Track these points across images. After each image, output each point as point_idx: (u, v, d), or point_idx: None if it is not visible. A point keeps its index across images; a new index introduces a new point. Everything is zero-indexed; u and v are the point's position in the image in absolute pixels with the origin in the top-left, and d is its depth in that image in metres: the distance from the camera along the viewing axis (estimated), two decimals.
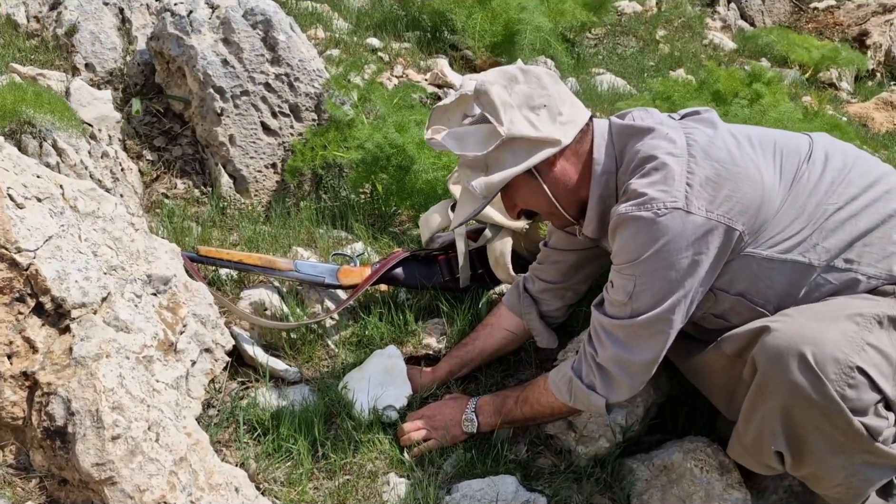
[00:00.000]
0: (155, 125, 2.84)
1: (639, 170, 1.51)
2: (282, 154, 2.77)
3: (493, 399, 1.80)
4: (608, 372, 1.57)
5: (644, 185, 1.46)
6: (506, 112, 1.51)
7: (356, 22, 4.21)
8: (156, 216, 2.54)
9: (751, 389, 1.41)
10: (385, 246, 2.48)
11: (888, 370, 1.31)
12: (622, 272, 1.50)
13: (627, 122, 1.60)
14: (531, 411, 1.74)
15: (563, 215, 1.65)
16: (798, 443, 1.37)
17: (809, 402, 1.30)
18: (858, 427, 1.30)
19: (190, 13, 2.70)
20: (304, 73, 2.79)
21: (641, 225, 1.44)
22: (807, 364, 1.29)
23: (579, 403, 1.64)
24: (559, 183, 1.60)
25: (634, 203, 1.45)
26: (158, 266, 1.81)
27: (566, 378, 1.65)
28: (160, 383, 1.58)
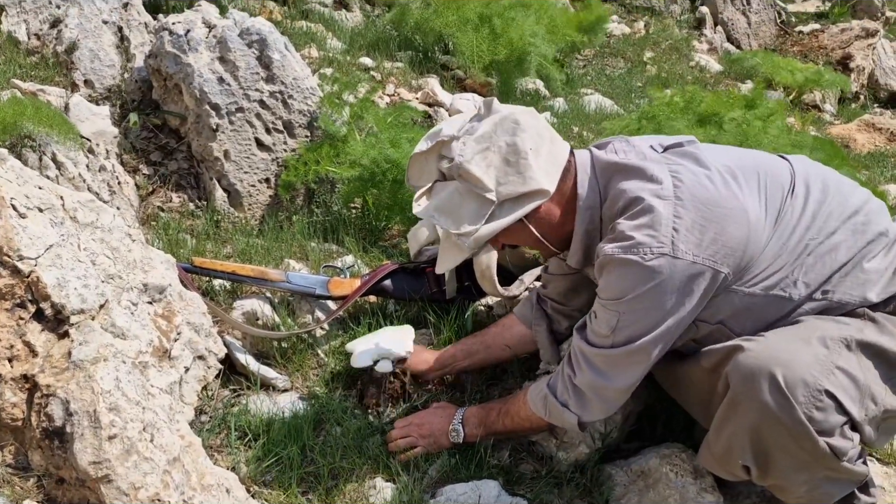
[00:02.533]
0: (151, 140, 2.91)
1: (626, 211, 1.52)
2: (275, 169, 2.85)
3: (479, 411, 1.85)
4: (583, 394, 1.61)
5: (631, 228, 1.48)
6: (490, 178, 1.51)
7: (349, 42, 4.31)
8: (151, 229, 2.60)
9: (723, 403, 1.46)
10: (375, 259, 2.55)
11: (856, 393, 1.36)
12: (607, 307, 1.52)
13: (611, 159, 1.61)
14: (512, 424, 1.79)
15: (549, 248, 1.68)
16: (764, 458, 1.43)
17: (777, 423, 1.35)
18: (824, 447, 1.34)
19: (187, 32, 2.78)
20: (297, 90, 2.87)
21: (628, 268, 1.46)
22: (777, 386, 1.33)
23: (554, 419, 1.68)
24: (544, 222, 1.61)
25: (621, 246, 1.47)
26: (154, 276, 1.87)
27: (542, 394, 1.69)
28: (155, 388, 1.64)
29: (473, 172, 1.51)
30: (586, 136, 3.90)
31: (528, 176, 1.52)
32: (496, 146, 1.53)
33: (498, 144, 1.53)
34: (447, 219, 1.55)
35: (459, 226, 1.53)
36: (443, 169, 1.57)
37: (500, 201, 1.52)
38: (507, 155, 1.52)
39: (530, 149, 1.53)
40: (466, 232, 1.53)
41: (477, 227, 1.52)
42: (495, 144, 1.53)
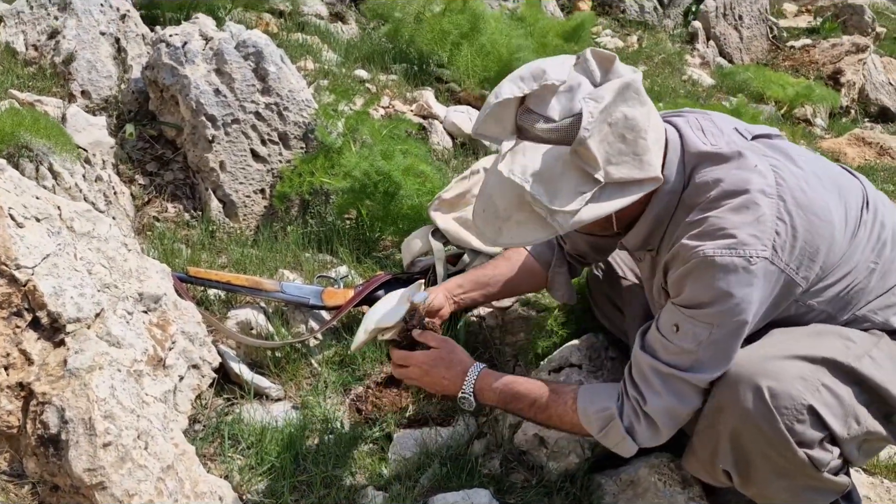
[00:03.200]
0: (147, 151, 2.93)
1: (723, 201, 1.37)
2: (270, 180, 2.87)
3: (499, 389, 1.61)
4: (654, 422, 1.45)
5: (735, 225, 1.33)
6: (601, 154, 1.30)
7: (345, 54, 4.34)
8: (147, 238, 2.62)
9: (706, 407, 1.45)
10: (368, 269, 2.57)
11: (839, 411, 1.37)
12: (697, 318, 1.36)
13: (703, 146, 1.45)
14: (545, 420, 1.61)
15: (612, 228, 1.52)
16: (745, 464, 1.44)
17: (758, 431, 1.36)
18: (803, 458, 1.36)
19: (184, 44, 2.80)
20: (293, 102, 2.90)
21: (731, 272, 1.32)
22: (761, 396, 1.34)
23: (607, 441, 1.53)
24: (628, 209, 1.42)
25: (723, 245, 1.32)
26: (149, 285, 1.89)
27: (605, 415, 1.50)
28: (149, 396, 1.66)
29: (592, 151, 1.29)
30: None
31: (646, 160, 1.34)
32: (613, 118, 1.31)
33: (616, 116, 1.31)
34: (543, 189, 1.31)
35: (554, 200, 1.30)
36: (536, 128, 1.34)
37: (606, 182, 1.31)
38: (623, 130, 1.31)
39: (647, 127, 1.34)
40: (567, 211, 1.30)
41: (578, 209, 1.30)
42: (612, 116, 1.31)
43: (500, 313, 2.25)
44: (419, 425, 2.02)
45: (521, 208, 1.36)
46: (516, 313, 2.36)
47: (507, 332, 2.26)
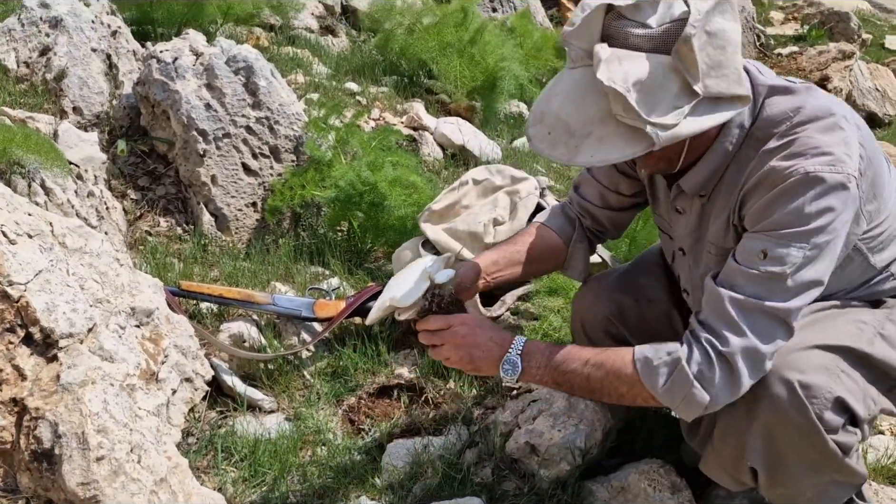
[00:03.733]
0: (139, 166, 2.95)
1: (811, 123, 1.32)
2: (262, 193, 2.89)
3: (548, 349, 1.46)
4: (733, 366, 1.32)
5: (828, 144, 1.29)
6: (702, 64, 1.24)
7: (335, 67, 4.37)
8: (139, 253, 2.63)
9: (728, 407, 1.40)
10: (360, 281, 2.59)
11: (860, 394, 1.40)
12: (790, 239, 1.29)
13: (771, 81, 1.41)
14: (598, 380, 1.42)
15: (676, 164, 1.43)
16: (776, 460, 1.44)
17: (791, 423, 1.37)
18: (833, 446, 1.37)
19: (175, 60, 2.83)
20: (283, 116, 2.92)
21: (831, 188, 1.27)
22: (793, 389, 1.35)
23: (671, 395, 1.35)
24: (702, 133, 1.33)
25: (823, 163, 1.27)
26: (142, 299, 1.90)
27: (671, 359, 1.35)
28: (142, 410, 1.67)
29: (695, 54, 1.22)
30: None
31: (741, 76, 1.28)
32: (712, 27, 1.24)
33: (714, 27, 1.24)
34: (643, 98, 1.23)
35: (652, 112, 1.23)
36: (629, 33, 1.26)
37: (702, 97, 1.25)
38: (722, 42, 1.25)
39: (739, 43, 1.27)
40: (666, 123, 1.23)
41: (676, 122, 1.24)
42: (711, 25, 1.24)
43: None
44: (411, 435, 2.03)
45: (605, 123, 1.27)
46: (507, 322, 2.38)
47: None
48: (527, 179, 2.39)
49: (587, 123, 1.29)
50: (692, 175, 1.44)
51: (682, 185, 1.47)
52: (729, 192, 1.43)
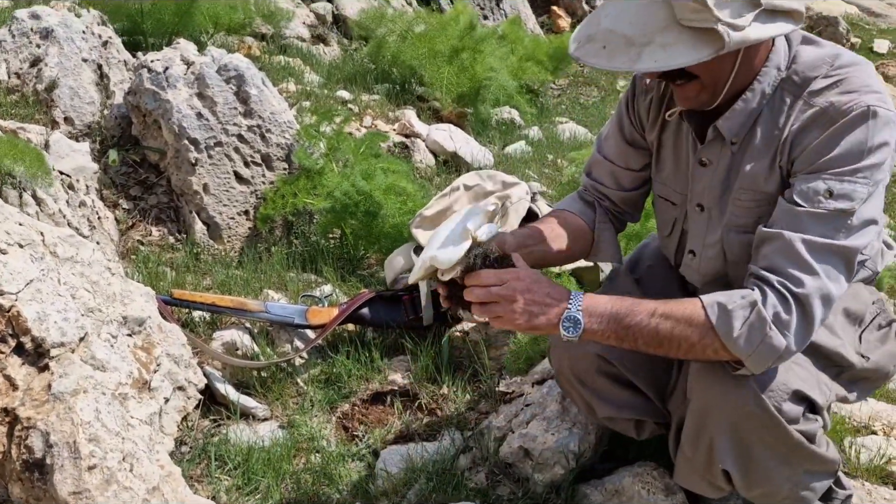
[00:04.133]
0: (131, 175, 2.95)
1: (852, 67, 1.35)
2: (254, 202, 2.89)
3: (610, 302, 1.38)
4: (808, 308, 1.28)
5: (875, 83, 1.33)
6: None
7: (327, 75, 4.39)
8: (131, 262, 2.63)
9: (693, 413, 1.46)
10: (353, 288, 2.59)
11: (813, 382, 1.42)
12: (855, 175, 1.28)
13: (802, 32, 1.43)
14: (667, 330, 1.34)
15: (718, 97, 1.40)
16: (746, 458, 1.45)
17: (754, 418, 1.38)
18: (798, 436, 1.39)
19: (166, 69, 2.83)
20: (275, 124, 2.93)
21: (887, 123, 1.29)
22: (748, 384, 1.37)
23: (746, 342, 1.30)
24: (751, 60, 1.37)
25: (877, 99, 1.29)
26: (134, 308, 1.90)
27: (746, 303, 1.30)
28: (135, 419, 1.67)
29: None
30: (561, 164, 3.98)
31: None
32: None
33: None
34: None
35: (723, 11, 1.23)
36: None
37: (764, 7, 1.25)
38: None
39: None
40: (738, 24, 1.23)
41: (745, 25, 1.23)
42: None
43: (483, 327, 2.28)
44: (405, 441, 2.03)
45: (668, 30, 1.26)
46: None
47: (490, 345, 2.28)
48: (518, 184, 2.40)
49: (647, 33, 1.27)
50: (731, 116, 1.42)
51: (721, 126, 1.44)
52: (766, 137, 1.41)
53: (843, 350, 1.50)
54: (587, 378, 1.67)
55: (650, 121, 1.59)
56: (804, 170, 1.34)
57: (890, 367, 1.59)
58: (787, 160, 1.38)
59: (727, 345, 1.30)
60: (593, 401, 1.69)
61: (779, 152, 1.39)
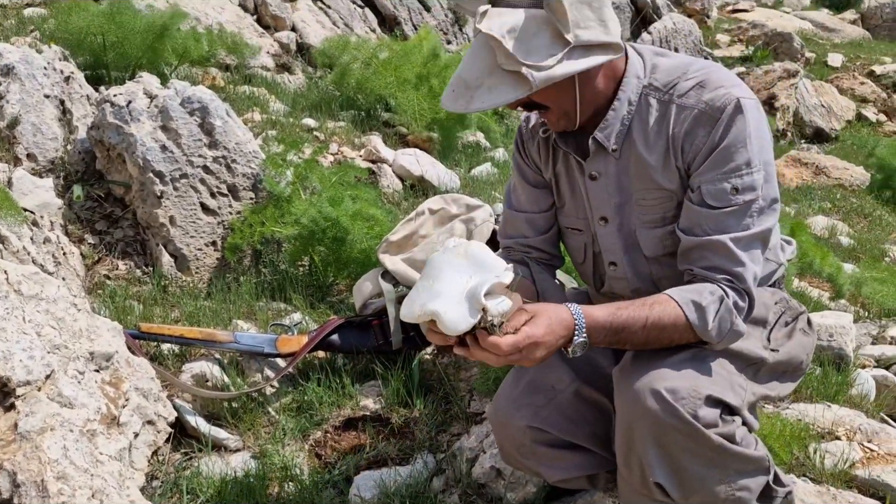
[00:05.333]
0: (96, 210, 2.94)
1: (707, 68, 1.51)
2: (221, 232, 2.90)
3: (608, 319, 1.45)
4: (751, 294, 1.48)
5: (731, 75, 1.49)
6: (572, 16, 1.40)
7: (292, 104, 4.41)
8: (98, 297, 2.61)
9: (619, 432, 1.50)
10: (323, 315, 2.60)
11: (726, 384, 1.47)
12: (750, 166, 1.44)
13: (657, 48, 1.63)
14: (656, 335, 1.47)
15: (575, 120, 1.55)
16: (676, 469, 1.48)
17: (673, 429, 1.42)
18: (718, 439, 1.42)
19: (129, 103, 2.84)
20: (240, 154, 2.94)
21: (751, 107, 1.44)
22: (662, 397, 1.41)
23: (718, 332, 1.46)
24: (592, 86, 1.51)
25: (742, 88, 1.46)
26: (101, 343, 1.90)
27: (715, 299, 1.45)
28: (104, 455, 1.66)
29: (565, 5, 1.39)
30: None
31: (610, 27, 1.44)
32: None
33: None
34: (518, 45, 1.39)
35: (528, 57, 1.39)
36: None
37: (574, 45, 1.40)
38: (589, 0, 1.43)
39: (609, 4, 1.46)
40: (541, 66, 1.39)
41: (552, 65, 1.39)
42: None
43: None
44: (378, 466, 2.04)
45: (493, 73, 1.43)
46: None
47: (460, 367, 2.30)
48: (481, 207, 2.44)
49: (479, 76, 1.44)
50: (605, 126, 1.56)
51: (598, 137, 1.57)
52: (644, 138, 1.54)
53: (754, 347, 1.58)
54: (526, 451, 1.70)
55: (543, 160, 1.72)
56: (703, 171, 1.47)
57: (802, 356, 1.69)
58: (682, 161, 1.51)
59: (702, 336, 1.46)
60: (540, 469, 1.72)
61: (672, 155, 1.52)
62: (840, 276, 3.46)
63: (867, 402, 2.44)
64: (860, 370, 2.59)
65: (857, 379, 2.51)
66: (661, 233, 1.58)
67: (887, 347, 2.81)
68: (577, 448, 1.71)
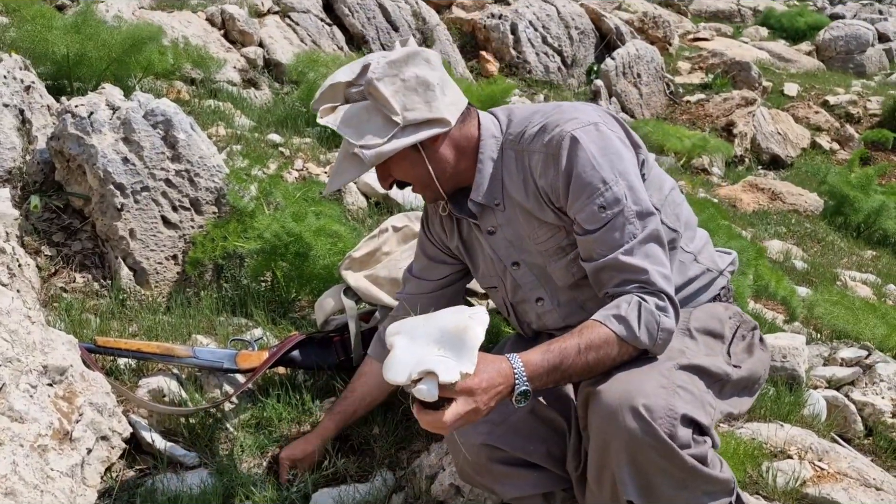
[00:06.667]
0: (54, 221, 2.89)
1: (550, 109, 1.68)
2: (182, 246, 2.87)
3: (544, 359, 1.48)
4: (667, 293, 1.55)
5: (568, 111, 1.64)
6: (397, 102, 1.60)
7: (258, 119, 4.40)
8: (53, 310, 2.56)
9: (593, 449, 1.51)
10: (284, 330, 2.58)
11: (697, 403, 1.50)
12: (605, 182, 1.55)
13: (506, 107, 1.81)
14: (595, 358, 1.50)
15: (438, 189, 1.72)
16: (648, 488, 1.50)
17: (650, 447, 1.44)
18: (691, 461, 1.45)
19: (91, 114, 2.81)
20: (204, 168, 2.92)
21: (592, 133, 1.58)
22: (639, 415, 1.42)
23: (648, 334, 1.51)
24: (439, 157, 1.68)
25: (574, 121, 1.60)
26: (55, 357, 1.86)
27: (633, 305, 1.52)
28: (55, 471, 1.62)
29: (382, 91, 1.59)
30: None
31: (434, 106, 1.62)
32: (405, 75, 1.62)
33: (407, 74, 1.62)
34: (351, 130, 1.60)
35: (360, 139, 1.59)
36: (350, 93, 1.65)
37: (404, 125, 1.60)
38: (415, 86, 1.62)
39: (437, 84, 1.64)
40: (370, 144, 1.59)
41: (381, 143, 1.59)
42: (405, 73, 1.62)
43: None
44: (337, 483, 2.03)
45: (345, 159, 1.65)
46: None
47: None
48: None
49: (337, 164, 1.69)
50: (476, 188, 1.72)
51: (474, 197, 1.73)
52: (518, 187, 1.69)
53: (720, 363, 1.64)
54: (482, 469, 1.72)
55: (447, 233, 1.89)
56: (571, 204, 1.60)
57: (761, 371, 1.76)
58: (549, 201, 1.65)
59: (635, 344, 1.52)
60: (495, 487, 1.75)
61: (540, 196, 1.66)
62: (794, 299, 3.55)
63: (818, 422, 2.50)
64: (812, 391, 2.66)
65: (809, 399, 2.57)
66: (565, 262, 1.69)
67: (838, 369, 2.89)
68: (533, 466, 1.73)
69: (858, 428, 2.61)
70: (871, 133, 8.53)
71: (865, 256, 5.36)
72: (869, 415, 2.67)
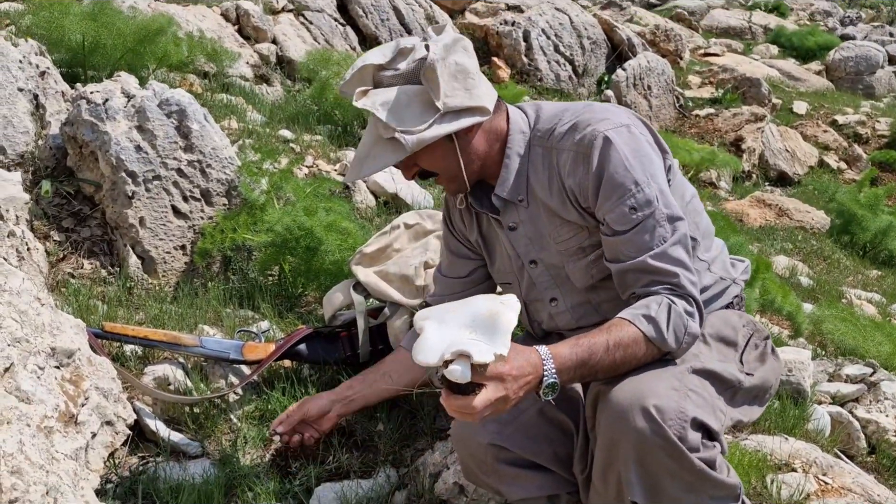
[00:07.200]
0: (64, 207, 2.89)
1: (581, 108, 1.65)
2: (191, 236, 2.87)
3: (573, 353, 1.47)
4: (695, 297, 1.56)
5: (599, 111, 1.62)
6: (444, 86, 1.58)
7: (269, 115, 4.40)
8: (61, 295, 2.56)
9: (600, 448, 1.51)
10: (291, 324, 2.58)
11: (709, 408, 1.50)
12: (638, 184, 1.54)
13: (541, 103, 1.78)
14: (622, 356, 1.50)
15: (464, 181, 1.70)
16: (654, 490, 1.49)
17: (659, 449, 1.43)
18: (700, 465, 1.44)
19: (105, 101, 2.81)
20: (216, 160, 2.92)
21: (622, 135, 1.56)
22: (650, 416, 1.42)
23: (675, 338, 1.52)
24: (470, 147, 1.66)
25: (606, 122, 1.58)
26: (63, 340, 1.85)
27: (663, 308, 1.51)
28: (59, 453, 1.62)
29: (438, 75, 1.56)
30: None
31: (475, 94, 1.61)
32: (448, 62, 1.60)
33: (450, 62, 1.60)
34: (391, 115, 1.57)
35: (401, 124, 1.56)
36: (382, 76, 1.62)
37: (444, 111, 1.58)
38: (455, 73, 1.60)
39: (474, 72, 1.63)
40: (413, 130, 1.56)
41: (423, 129, 1.56)
42: (448, 60, 1.60)
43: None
44: (340, 478, 2.02)
45: (377, 144, 1.62)
46: None
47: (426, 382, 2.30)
48: None
49: (367, 149, 1.64)
50: (501, 182, 1.70)
51: (499, 193, 1.72)
52: (543, 184, 1.67)
53: (732, 370, 1.63)
54: (488, 469, 1.71)
55: (467, 227, 1.88)
56: (601, 204, 1.58)
57: (773, 380, 1.75)
58: (574, 199, 1.64)
59: (661, 347, 1.52)
60: (501, 488, 1.73)
61: (566, 195, 1.64)
62: (799, 315, 3.54)
63: (822, 437, 2.49)
64: (817, 406, 2.65)
65: (814, 414, 2.56)
66: (585, 263, 1.68)
67: (842, 385, 2.87)
68: (539, 468, 1.72)
69: (862, 445, 2.60)
70: (880, 154, 8.53)
71: (871, 276, 5.35)
72: (872, 432, 2.65)
